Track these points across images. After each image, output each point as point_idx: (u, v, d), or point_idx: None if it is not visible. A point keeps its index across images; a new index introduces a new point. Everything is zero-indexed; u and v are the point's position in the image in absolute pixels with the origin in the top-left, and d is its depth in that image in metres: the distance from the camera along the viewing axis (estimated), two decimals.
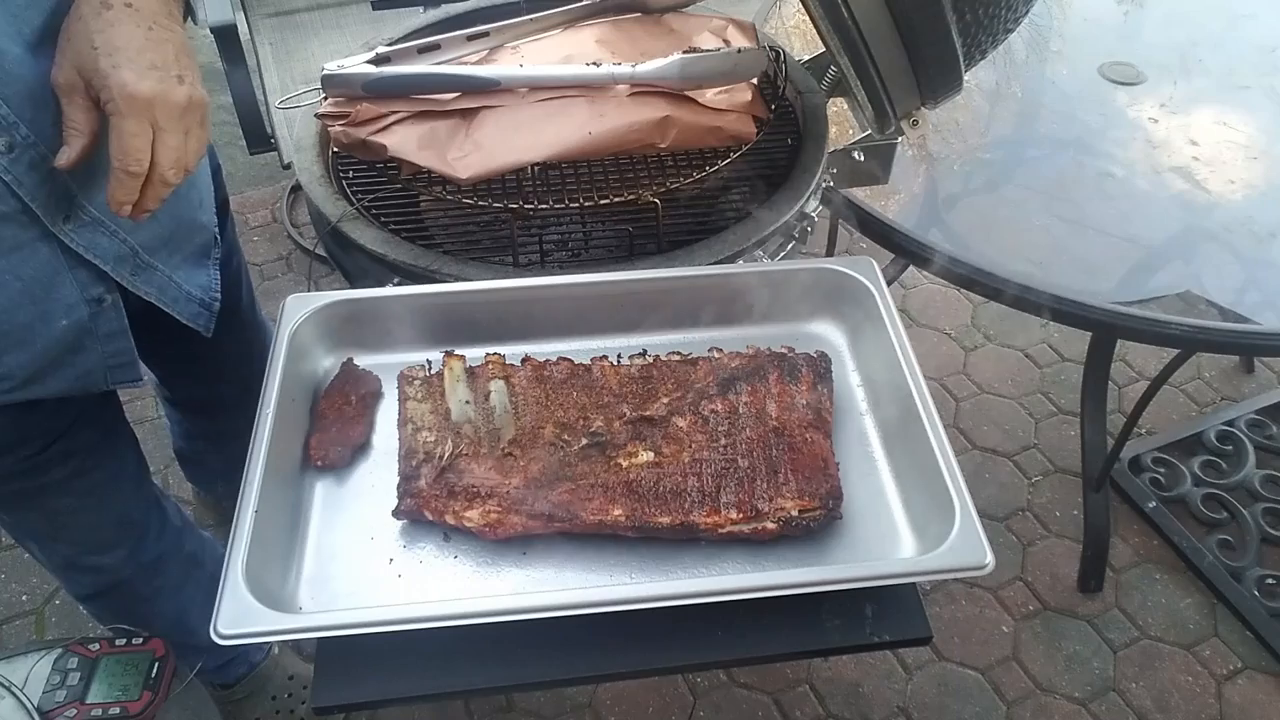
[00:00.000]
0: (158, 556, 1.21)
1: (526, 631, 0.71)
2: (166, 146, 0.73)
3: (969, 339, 2.21)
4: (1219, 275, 1.42)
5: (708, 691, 1.60)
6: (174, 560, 1.25)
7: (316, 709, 0.77)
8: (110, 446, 1.09)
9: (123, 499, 1.14)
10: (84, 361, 0.90)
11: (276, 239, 2.50)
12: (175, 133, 0.73)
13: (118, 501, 1.13)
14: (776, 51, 1.20)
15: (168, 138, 0.73)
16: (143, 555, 1.19)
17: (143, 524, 1.18)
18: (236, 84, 1.63)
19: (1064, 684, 1.62)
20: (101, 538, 1.14)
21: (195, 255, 1.03)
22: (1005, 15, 1.03)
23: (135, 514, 1.17)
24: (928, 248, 1.31)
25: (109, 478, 1.09)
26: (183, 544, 1.27)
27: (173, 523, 1.25)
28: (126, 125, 0.70)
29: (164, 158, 0.73)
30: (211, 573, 1.32)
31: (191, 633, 1.25)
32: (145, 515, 1.19)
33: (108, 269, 0.87)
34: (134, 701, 0.82)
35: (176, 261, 0.99)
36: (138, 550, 1.18)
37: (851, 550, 0.82)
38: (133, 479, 1.15)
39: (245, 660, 1.49)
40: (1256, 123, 1.65)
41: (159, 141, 0.72)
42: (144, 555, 1.19)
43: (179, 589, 1.25)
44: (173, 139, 0.73)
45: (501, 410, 0.88)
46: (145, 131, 0.71)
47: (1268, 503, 1.81)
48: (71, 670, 0.83)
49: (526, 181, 1.08)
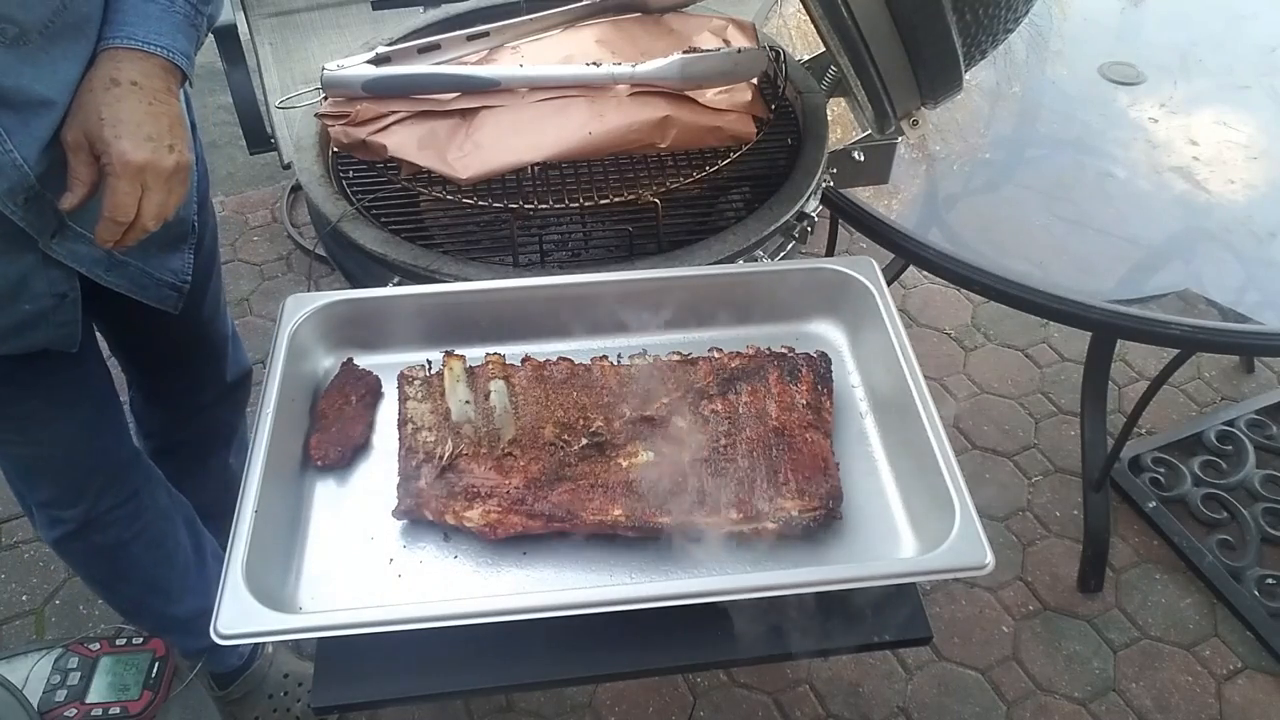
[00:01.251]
0: (135, 506, 1.23)
1: (526, 631, 0.71)
2: (151, 203, 0.85)
3: (969, 339, 2.21)
4: (1219, 275, 1.42)
5: (708, 691, 1.60)
6: (150, 512, 1.26)
7: (316, 709, 0.77)
8: (85, 387, 1.13)
9: (101, 443, 1.18)
10: (32, 336, 0.99)
11: (276, 239, 2.50)
12: (159, 192, 0.86)
13: (96, 443, 1.16)
14: (776, 51, 1.20)
15: (153, 195, 0.85)
16: (118, 500, 1.21)
17: (120, 475, 1.21)
18: (236, 84, 1.63)
19: (1064, 684, 1.62)
20: (79, 477, 1.17)
21: (170, 243, 1.09)
22: (1005, 15, 1.03)
23: (114, 459, 1.20)
24: (928, 248, 1.31)
25: (88, 414, 1.14)
26: (157, 499, 1.28)
27: (153, 480, 1.28)
28: (120, 185, 0.82)
29: (147, 211, 0.85)
30: (190, 542, 1.33)
31: (168, 599, 1.27)
32: (125, 466, 1.22)
33: (83, 270, 0.96)
34: (134, 701, 0.82)
35: (151, 252, 1.05)
36: (111, 494, 1.20)
37: (851, 550, 0.82)
38: (112, 428, 1.20)
39: (234, 650, 1.49)
40: (1256, 123, 1.65)
41: (145, 198, 0.85)
42: (120, 500, 1.21)
43: (156, 545, 1.27)
44: (156, 196, 0.86)
45: (501, 410, 0.88)
46: (135, 190, 0.83)
47: (1268, 503, 1.81)
48: (71, 670, 0.83)
49: (526, 181, 1.08)
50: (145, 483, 1.25)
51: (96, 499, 1.18)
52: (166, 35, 0.88)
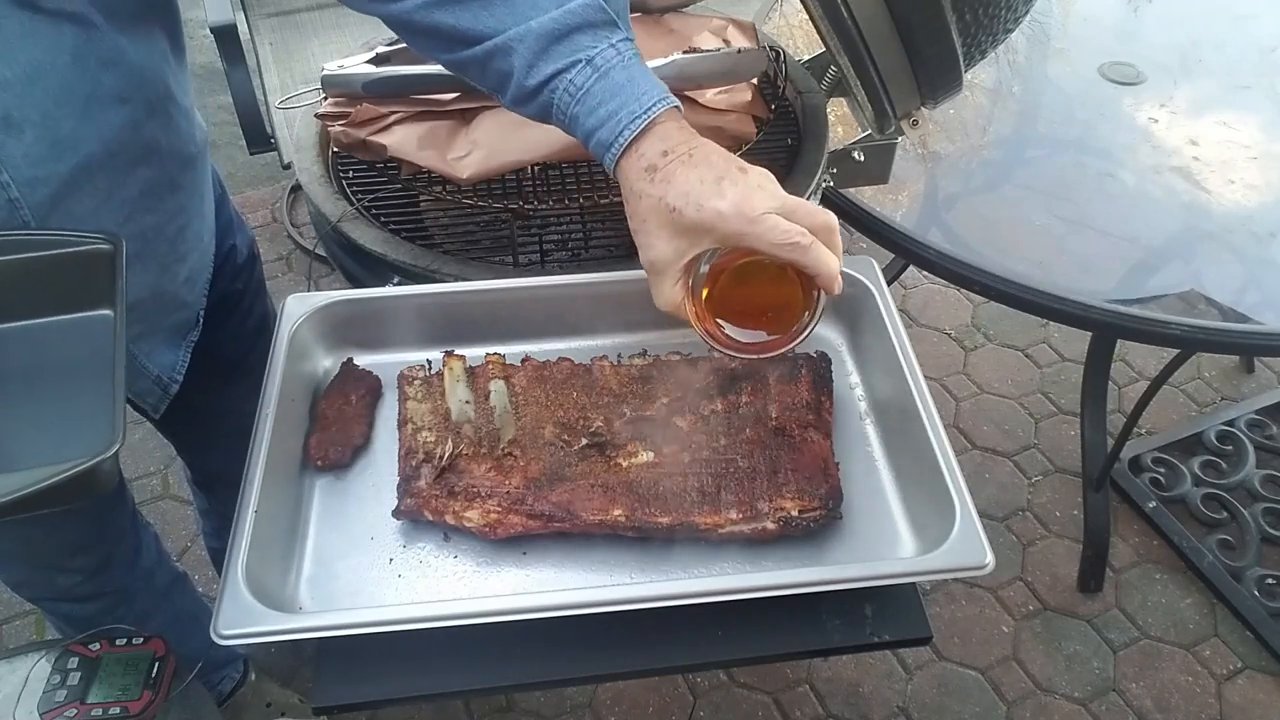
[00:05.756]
0: (123, 588, 1.17)
1: (526, 631, 0.71)
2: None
3: (969, 339, 2.21)
4: (1219, 275, 1.42)
5: (708, 691, 1.60)
6: (142, 595, 1.20)
7: (316, 709, 0.77)
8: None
9: (87, 521, 1.08)
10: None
11: (276, 239, 2.50)
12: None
13: (80, 522, 1.07)
14: (776, 51, 1.20)
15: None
16: (106, 584, 1.15)
17: (107, 552, 1.13)
18: (236, 84, 1.63)
19: (1064, 684, 1.62)
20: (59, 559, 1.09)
21: (167, 332, 0.97)
22: (1005, 15, 1.03)
23: (100, 539, 1.11)
24: (928, 248, 1.31)
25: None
26: (154, 580, 1.22)
27: (145, 557, 1.21)
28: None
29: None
30: (181, 610, 1.28)
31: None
32: (113, 544, 1.14)
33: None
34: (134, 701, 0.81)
35: (140, 331, 0.92)
36: (98, 578, 1.13)
37: (851, 550, 0.82)
38: (104, 502, 1.09)
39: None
40: (1256, 123, 1.65)
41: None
42: (107, 584, 1.15)
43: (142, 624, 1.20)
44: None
45: (501, 410, 0.88)
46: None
47: (1268, 503, 1.81)
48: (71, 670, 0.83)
49: (526, 181, 1.08)
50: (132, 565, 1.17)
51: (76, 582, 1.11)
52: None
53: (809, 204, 0.68)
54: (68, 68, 0.71)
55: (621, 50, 0.67)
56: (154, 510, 1.91)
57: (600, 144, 0.68)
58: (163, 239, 0.88)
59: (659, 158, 0.67)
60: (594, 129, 0.68)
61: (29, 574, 1.13)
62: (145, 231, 0.85)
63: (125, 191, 0.81)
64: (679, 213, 0.66)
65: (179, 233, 0.91)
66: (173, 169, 0.87)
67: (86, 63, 0.72)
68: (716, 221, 0.65)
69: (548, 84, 0.67)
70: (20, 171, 0.72)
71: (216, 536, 1.46)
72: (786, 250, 0.66)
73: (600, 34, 0.67)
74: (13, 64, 0.68)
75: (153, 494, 1.94)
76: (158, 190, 0.85)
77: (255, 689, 1.52)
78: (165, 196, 0.87)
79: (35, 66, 0.69)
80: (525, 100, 0.69)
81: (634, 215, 0.70)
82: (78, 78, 0.72)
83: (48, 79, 0.70)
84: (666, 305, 0.73)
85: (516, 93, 0.69)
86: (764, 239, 0.65)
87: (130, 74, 0.76)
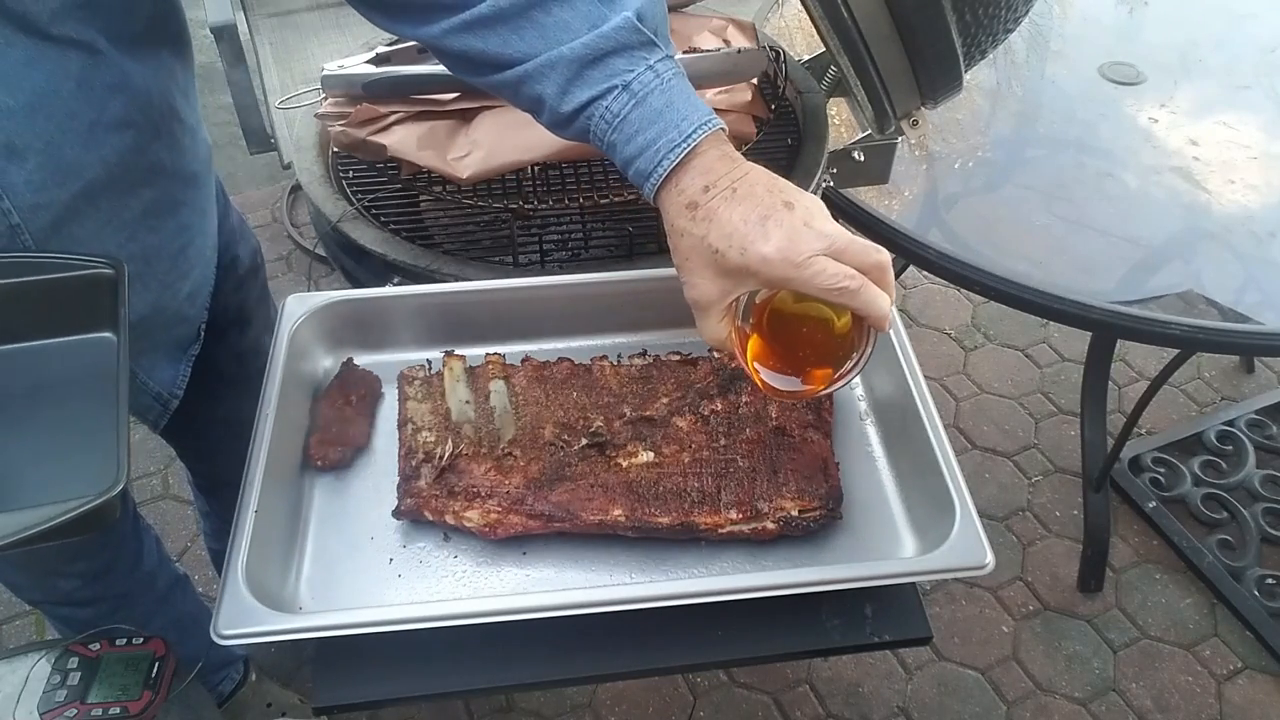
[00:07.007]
0: (123, 592, 1.16)
1: (526, 631, 0.71)
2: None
3: (969, 339, 2.21)
4: (1219, 275, 1.42)
5: (708, 691, 1.60)
6: (143, 598, 1.20)
7: (316, 709, 0.77)
8: None
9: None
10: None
11: (276, 239, 2.50)
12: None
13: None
14: (776, 51, 1.20)
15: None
16: (106, 589, 1.14)
17: (108, 558, 1.12)
18: (236, 84, 1.63)
19: (1064, 684, 1.62)
20: (60, 564, 1.08)
21: (168, 347, 0.95)
22: (1005, 15, 1.04)
23: (101, 545, 1.10)
24: (928, 248, 1.31)
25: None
26: (154, 583, 1.21)
27: (146, 560, 1.20)
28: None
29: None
30: (182, 612, 1.27)
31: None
32: (114, 549, 1.13)
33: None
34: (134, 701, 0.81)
35: (141, 349, 0.91)
36: (99, 582, 1.13)
37: (851, 550, 0.82)
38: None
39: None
40: (1256, 123, 1.65)
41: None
42: (108, 589, 1.14)
43: (143, 627, 1.21)
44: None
45: (501, 410, 0.88)
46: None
47: (1268, 503, 1.81)
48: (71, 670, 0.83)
49: (526, 181, 1.08)
50: (133, 568, 1.17)
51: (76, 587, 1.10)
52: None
53: (860, 241, 0.64)
54: (72, 95, 0.70)
55: (660, 72, 0.65)
56: (154, 510, 1.91)
57: (639, 174, 0.66)
58: (165, 257, 0.87)
59: (700, 194, 0.65)
60: (632, 158, 0.66)
61: (29, 578, 1.13)
62: (147, 251, 0.84)
63: (128, 213, 0.80)
64: (722, 255, 0.64)
65: (181, 250, 0.89)
66: (176, 188, 0.86)
67: (92, 89, 0.71)
68: (761, 267, 0.63)
69: (584, 110, 0.65)
70: (22, 198, 0.71)
71: (217, 538, 1.46)
72: (834, 295, 0.63)
73: (637, 56, 0.64)
74: (16, 92, 0.68)
75: (153, 494, 1.94)
76: (160, 210, 0.84)
77: (255, 689, 1.51)
78: (168, 215, 0.86)
79: (39, 94, 0.69)
80: (562, 125, 0.68)
81: (676, 252, 0.68)
82: (82, 105, 0.71)
83: (51, 106, 0.70)
84: (713, 341, 0.71)
85: (552, 117, 0.68)
86: (811, 284, 0.63)
87: (136, 98, 0.76)
